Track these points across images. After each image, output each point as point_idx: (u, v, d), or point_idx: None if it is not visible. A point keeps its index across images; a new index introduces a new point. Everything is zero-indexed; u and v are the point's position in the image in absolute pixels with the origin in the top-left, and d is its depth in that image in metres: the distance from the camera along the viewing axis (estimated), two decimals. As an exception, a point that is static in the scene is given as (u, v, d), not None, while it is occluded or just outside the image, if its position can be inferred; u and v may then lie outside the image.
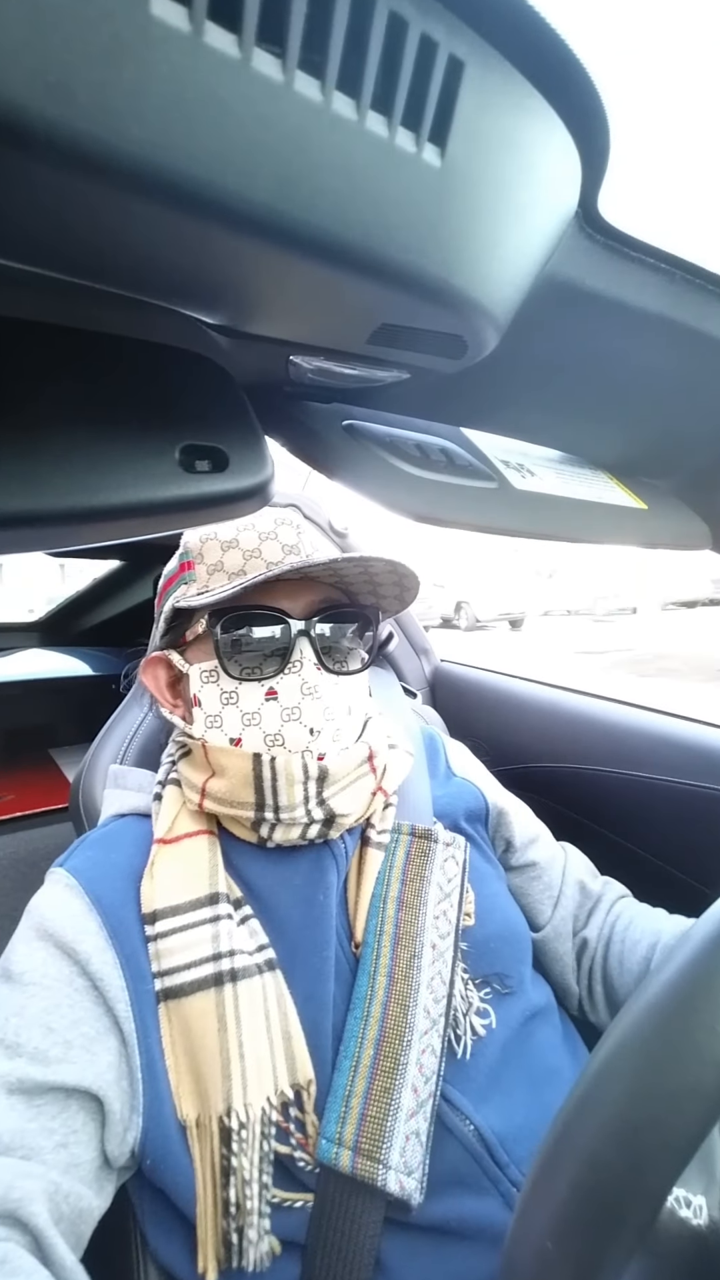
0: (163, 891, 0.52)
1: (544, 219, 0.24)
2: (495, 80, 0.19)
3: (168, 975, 0.49)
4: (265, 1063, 0.47)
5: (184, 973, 0.49)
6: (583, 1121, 0.26)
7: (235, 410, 0.29)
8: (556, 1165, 0.25)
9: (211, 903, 0.52)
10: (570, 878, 0.68)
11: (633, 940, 0.62)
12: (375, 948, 0.51)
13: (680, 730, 0.88)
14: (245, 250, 0.19)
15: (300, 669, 0.53)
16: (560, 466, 0.45)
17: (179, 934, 0.50)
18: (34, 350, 0.25)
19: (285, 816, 0.52)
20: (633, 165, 0.23)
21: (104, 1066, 0.46)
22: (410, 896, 0.54)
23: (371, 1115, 0.46)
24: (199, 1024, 0.47)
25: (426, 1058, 0.48)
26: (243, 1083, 0.46)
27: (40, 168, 0.15)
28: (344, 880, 0.55)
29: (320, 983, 0.50)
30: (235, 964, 0.49)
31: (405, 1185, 0.44)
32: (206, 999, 0.48)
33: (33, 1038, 0.45)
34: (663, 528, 0.47)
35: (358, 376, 0.32)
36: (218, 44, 0.15)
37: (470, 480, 0.37)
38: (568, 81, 0.20)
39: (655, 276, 0.29)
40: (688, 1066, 0.24)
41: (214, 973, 0.49)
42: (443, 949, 0.52)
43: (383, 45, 0.17)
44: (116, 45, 0.14)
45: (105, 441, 0.25)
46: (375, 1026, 0.48)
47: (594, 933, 0.65)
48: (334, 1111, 0.46)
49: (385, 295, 0.22)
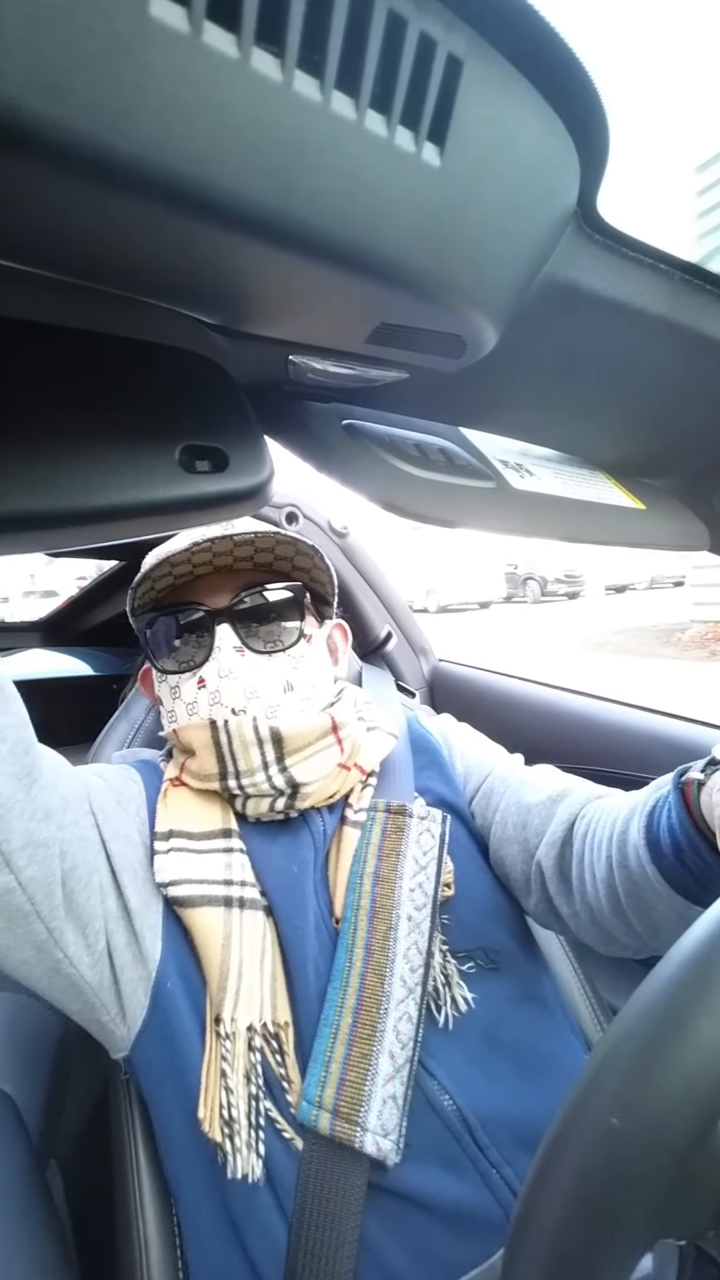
0: (178, 816, 0.57)
1: (543, 218, 0.24)
2: (494, 79, 0.19)
3: (175, 885, 0.53)
4: (255, 991, 0.50)
5: (196, 885, 0.53)
6: (608, 1075, 0.25)
7: (235, 410, 0.29)
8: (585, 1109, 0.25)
9: (225, 836, 0.56)
10: (511, 796, 0.62)
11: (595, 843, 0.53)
12: (353, 922, 0.53)
13: (680, 730, 0.88)
14: (244, 250, 0.19)
15: (219, 654, 0.57)
16: (559, 466, 0.45)
17: (194, 855, 0.55)
18: (34, 350, 0.25)
19: (247, 782, 0.55)
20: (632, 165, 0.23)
21: (138, 857, 0.54)
22: (386, 871, 0.55)
23: (350, 1080, 0.47)
24: (204, 936, 0.51)
25: (403, 1024, 0.49)
26: (235, 999, 0.49)
27: (39, 168, 0.15)
28: (325, 858, 0.57)
29: (298, 946, 0.52)
30: (245, 894, 0.53)
31: (381, 1146, 0.45)
32: (215, 914, 0.52)
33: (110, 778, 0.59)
34: (661, 528, 0.47)
35: (357, 376, 0.32)
36: (216, 44, 0.15)
37: (469, 480, 0.37)
38: (567, 80, 0.20)
39: (654, 276, 0.29)
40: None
41: (224, 895, 0.53)
42: (419, 920, 0.53)
43: (382, 44, 0.17)
44: (115, 45, 0.14)
45: (105, 442, 0.25)
46: (353, 996, 0.50)
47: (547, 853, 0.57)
48: (314, 1075, 0.48)
49: (384, 294, 0.22)
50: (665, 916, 0.46)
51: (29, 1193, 0.61)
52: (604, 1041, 0.26)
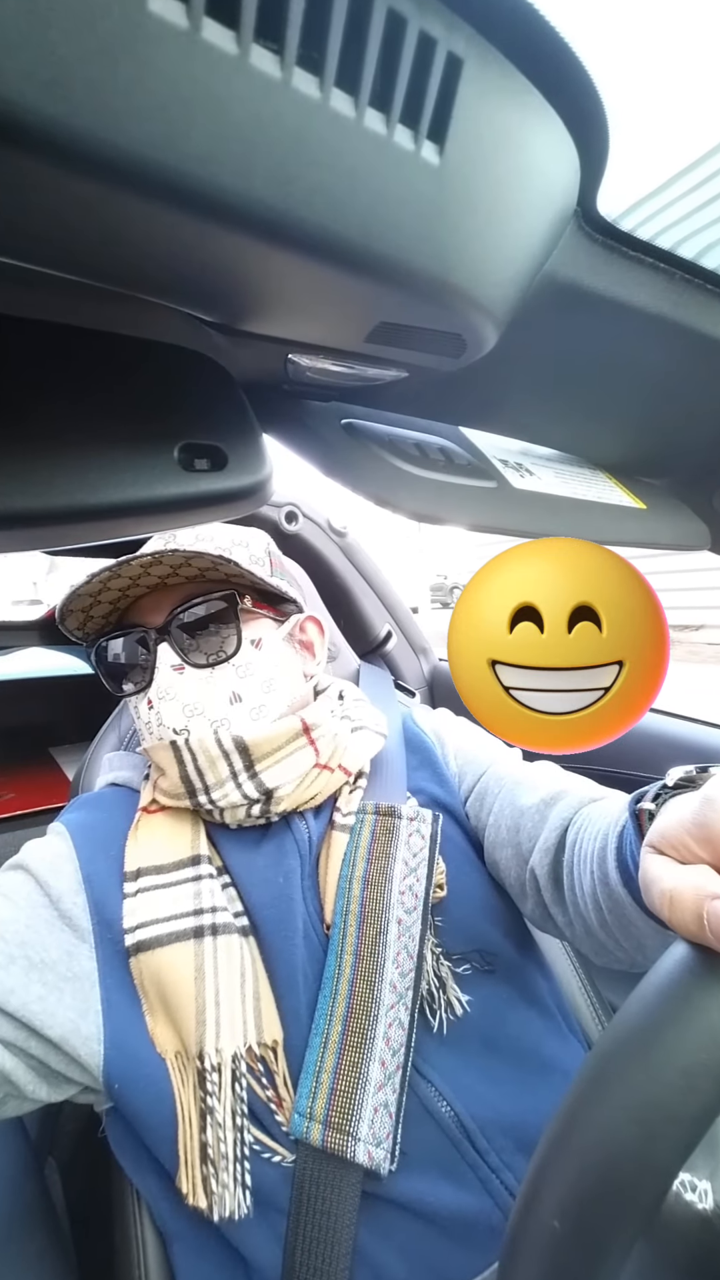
0: (146, 850, 0.55)
1: (543, 217, 0.23)
2: (494, 78, 0.19)
3: (143, 928, 0.51)
4: (237, 1016, 0.49)
5: (163, 924, 0.51)
6: (593, 1100, 0.25)
7: (234, 409, 0.29)
8: (565, 1144, 0.25)
9: (194, 864, 0.55)
10: (504, 800, 0.60)
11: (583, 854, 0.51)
12: (342, 927, 0.52)
13: (680, 730, 0.88)
14: (242, 248, 0.18)
15: (158, 674, 0.56)
16: (559, 466, 0.45)
17: (161, 890, 0.53)
18: (32, 348, 0.25)
19: (217, 795, 0.54)
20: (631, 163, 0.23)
21: (38, 995, 0.48)
22: (375, 874, 0.54)
23: (340, 1089, 0.46)
24: (172, 975, 0.49)
25: (394, 1031, 0.48)
26: (216, 1029, 0.47)
27: (37, 165, 0.15)
28: (315, 863, 0.56)
29: (286, 958, 0.51)
30: (216, 920, 0.52)
31: (374, 1155, 0.45)
32: (184, 950, 0.50)
33: None
34: (662, 528, 0.47)
35: (356, 375, 0.32)
36: (215, 40, 0.15)
37: (469, 479, 0.37)
38: (566, 79, 0.20)
39: (655, 276, 0.29)
40: (700, 1043, 0.24)
41: (195, 926, 0.51)
42: (409, 924, 0.52)
43: (381, 42, 0.17)
44: (114, 42, 0.14)
45: (104, 440, 0.25)
46: (343, 1003, 0.49)
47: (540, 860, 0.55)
48: (305, 1086, 0.47)
49: (383, 293, 0.22)
50: (646, 934, 0.45)
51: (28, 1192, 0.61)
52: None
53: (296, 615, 0.64)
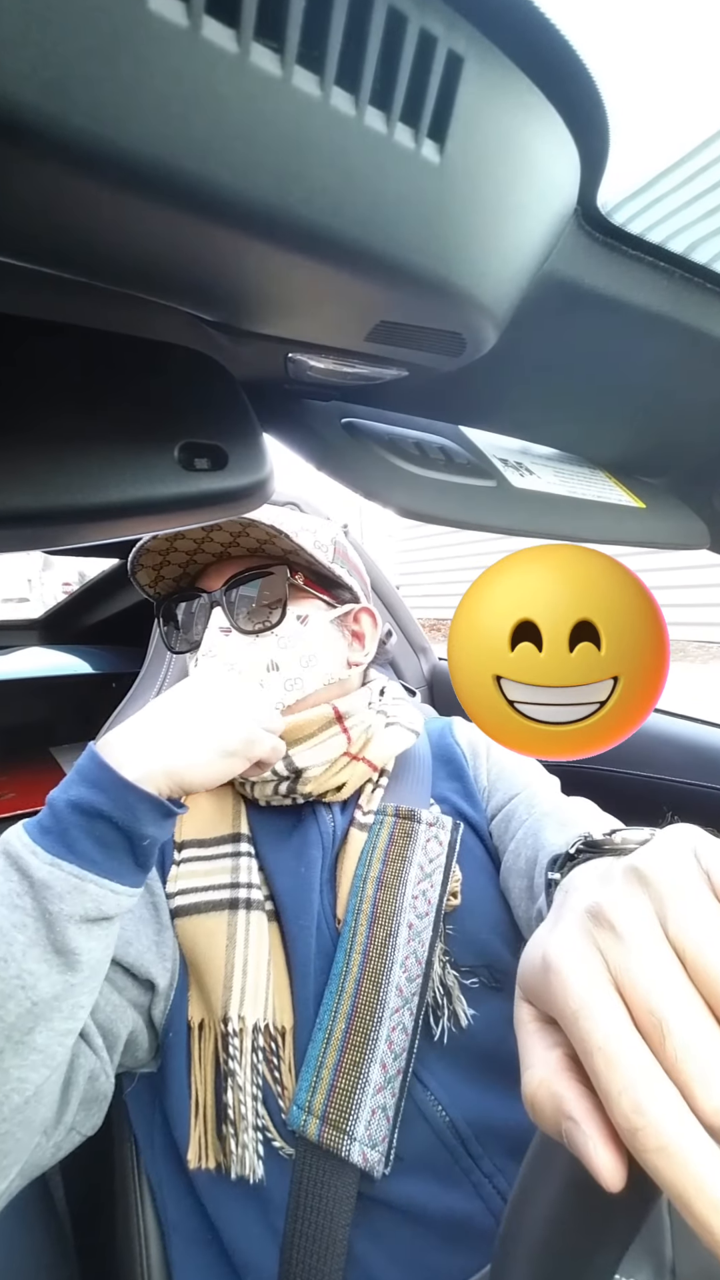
0: (193, 821, 0.59)
1: (543, 216, 0.23)
2: (494, 76, 0.19)
3: (183, 895, 0.55)
4: (261, 990, 0.51)
5: (201, 894, 0.55)
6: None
7: (234, 408, 0.29)
8: (554, 1149, 0.25)
9: (234, 840, 0.58)
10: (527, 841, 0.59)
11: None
12: (353, 925, 0.53)
13: (680, 730, 0.88)
14: (242, 246, 0.18)
15: (207, 635, 0.59)
16: (559, 465, 0.45)
17: (202, 862, 0.57)
18: (32, 348, 0.25)
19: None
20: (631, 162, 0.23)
21: (150, 943, 0.53)
22: (390, 877, 0.55)
23: (340, 1087, 0.47)
24: (206, 941, 0.52)
25: (397, 1035, 0.48)
26: (241, 997, 0.49)
27: (36, 164, 0.15)
28: (335, 858, 0.58)
29: (301, 946, 0.53)
30: (251, 895, 0.54)
31: (369, 1157, 0.45)
32: (219, 919, 0.53)
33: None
34: (661, 527, 0.47)
35: (356, 374, 0.32)
36: (215, 39, 0.15)
37: (469, 478, 0.37)
38: (567, 78, 0.20)
39: (655, 275, 0.29)
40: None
41: (230, 898, 0.54)
42: (420, 929, 0.52)
43: (382, 40, 0.17)
44: (113, 40, 0.14)
45: (104, 439, 0.25)
46: (348, 1001, 0.50)
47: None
48: (306, 1080, 0.48)
49: (383, 292, 0.22)
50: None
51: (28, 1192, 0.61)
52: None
53: (351, 604, 0.66)
